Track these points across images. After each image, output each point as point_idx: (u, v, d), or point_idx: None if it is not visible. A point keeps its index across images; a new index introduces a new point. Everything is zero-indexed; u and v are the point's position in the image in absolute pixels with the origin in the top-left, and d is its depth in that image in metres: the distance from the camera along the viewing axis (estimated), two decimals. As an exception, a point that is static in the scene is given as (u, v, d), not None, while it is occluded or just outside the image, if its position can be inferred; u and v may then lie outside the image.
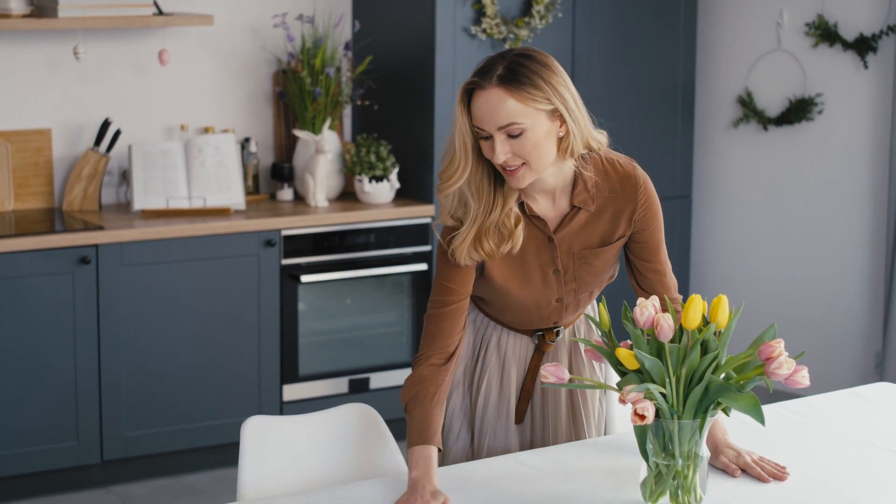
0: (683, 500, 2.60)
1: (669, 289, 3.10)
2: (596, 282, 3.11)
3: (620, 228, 3.05)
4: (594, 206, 3.00)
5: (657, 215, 3.13)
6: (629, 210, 3.06)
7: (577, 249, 3.02)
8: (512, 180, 2.85)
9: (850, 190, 5.72)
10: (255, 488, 2.85)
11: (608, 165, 3.02)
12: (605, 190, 3.01)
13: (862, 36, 5.59)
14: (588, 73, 5.76)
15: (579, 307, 3.14)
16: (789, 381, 2.54)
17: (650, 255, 3.10)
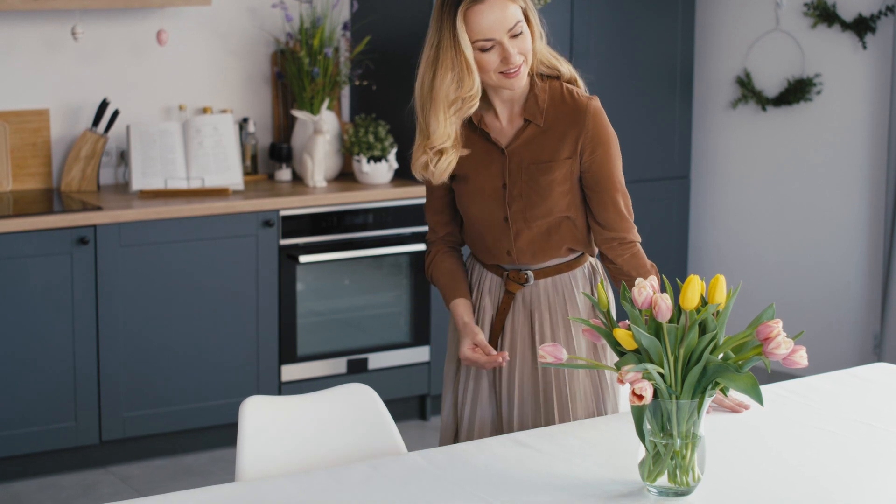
0: (681, 479, 2.60)
1: (621, 227, 3.21)
2: (544, 208, 3.19)
3: (566, 149, 3.17)
4: (542, 120, 3.17)
5: (607, 147, 3.20)
6: (575, 133, 3.17)
7: (526, 164, 3.18)
8: (514, 81, 3.09)
9: (849, 170, 5.72)
10: (253, 468, 2.86)
11: (566, 92, 3.19)
12: (555, 110, 3.17)
13: (860, 16, 5.59)
14: (586, 53, 5.76)
15: (534, 241, 3.23)
16: (787, 361, 2.54)
17: (598, 185, 3.19)
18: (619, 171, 3.22)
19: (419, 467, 2.80)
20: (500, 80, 3.09)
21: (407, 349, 5.54)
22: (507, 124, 3.21)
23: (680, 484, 2.61)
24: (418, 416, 5.68)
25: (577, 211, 3.23)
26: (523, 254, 3.25)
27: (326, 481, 2.72)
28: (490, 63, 3.07)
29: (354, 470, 2.78)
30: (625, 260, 3.24)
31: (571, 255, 3.28)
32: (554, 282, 3.28)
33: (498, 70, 3.07)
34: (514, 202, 3.20)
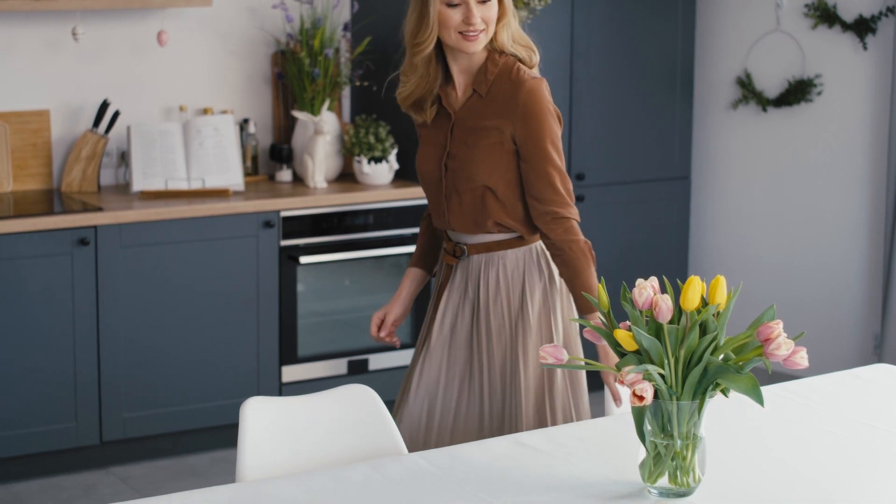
0: (682, 480, 2.60)
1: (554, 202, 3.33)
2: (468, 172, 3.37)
3: (499, 120, 3.35)
4: (486, 90, 3.36)
5: (539, 122, 3.35)
6: (510, 106, 3.34)
7: (465, 130, 3.38)
8: (471, 44, 3.32)
9: (849, 171, 5.72)
10: (254, 469, 2.86)
11: (514, 70, 3.38)
12: (500, 84, 3.36)
13: (861, 17, 5.59)
14: (587, 53, 5.76)
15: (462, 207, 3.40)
16: (788, 362, 2.54)
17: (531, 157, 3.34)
18: (554, 148, 3.36)
19: (420, 468, 2.80)
20: (457, 41, 3.32)
21: (408, 350, 5.54)
22: (461, 94, 3.42)
23: (680, 485, 2.61)
24: (419, 416, 5.67)
25: (501, 183, 3.37)
26: (455, 218, 3.42)
27: (327, 482, 2.72)
28: (452, 19, 3.30)
29: (355, 470, 2.78)
30: (557, 234, 3.34)
31: (504, 234, 3.41)
32: (489, 259, 3.41)
33: (458, 29, 3.30)
34: (449, 163, 3.41)
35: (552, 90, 5.65)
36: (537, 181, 3.34)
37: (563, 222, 3.34)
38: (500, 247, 3.41)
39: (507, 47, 3.39)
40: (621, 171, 5.92)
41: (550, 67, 5.67)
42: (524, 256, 3.42)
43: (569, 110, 5.75)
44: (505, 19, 3.37)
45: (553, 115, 3.37)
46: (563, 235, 3.33)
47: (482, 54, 3.38)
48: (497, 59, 3.38)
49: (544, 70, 5.64)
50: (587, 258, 3.33)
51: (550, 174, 3.34)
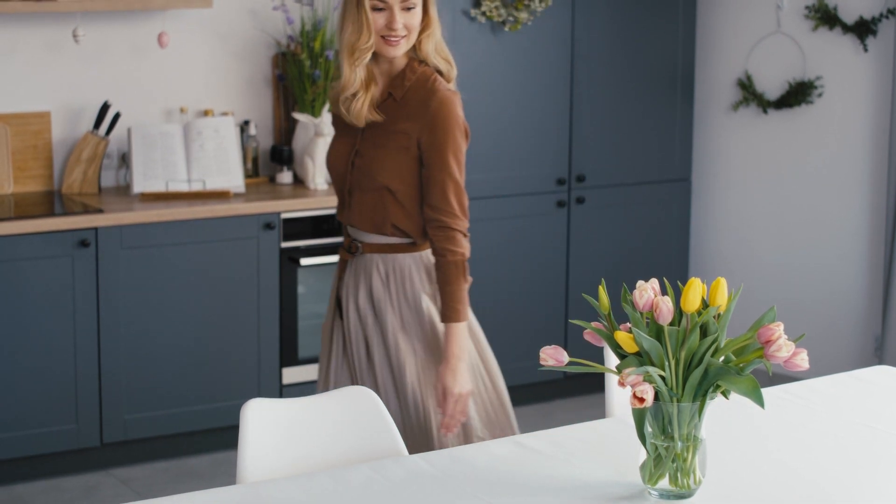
0: (683, 482, 2.60)
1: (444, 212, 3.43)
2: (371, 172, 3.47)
3: (407, 125, 3.44)
4: (401, 95, 3.46)
5: (444, 134, 3.43)
6: (420, 114, 3.43)
7: (377, 130, 3.48)
8: (391, 49, 3.42)
9: (850, 173, 5.72)
10: (254, 471, 2.86)
11: (431, 80, 3.47)
12: (415, 91, 3.46)
13: (862, 19, 5.59)
14: (588, 55, 5.76)
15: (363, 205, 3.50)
16: (789, 363, 2.54)
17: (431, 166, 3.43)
18: (455, 160, 3.44)
19: (420, 470, 2.80)
20: (379, 44, 3.43)
21: (408, 352, 5.54)
22: (377, 96, 3.50)
23: (681, 486, 2.61)
24: (419, 418, 5.67)
25: (402, 186, 3.46)
26: (355, 215, 3.53)
27: (328, 483, 2.72)
28: (376, 23, 3.41)
29: (356, 472, 2.78)
30: (439, 241, 3.45)
31: (399, 238, 3.51)
32: (383, 260, 3.51)
33: (381, 33, 3.41)
34: (357, 161, 3.50)
35: (552, 90, 5.68)
36: (433, 189, 3.44)
37: (447, 232, 3.45)
38: (393, 249, 3.51)
39: (430, 57, 3.49)
40: (622, 173, 5.92)
41: (551, 69, 5.68)
42: (414, 262, 3.52)
43: (569, 112, 5.75)
44: (430, 29, 3.47)
45: (461, 129, 3.46)
46: (444, 244, 3.45)
47: (402, 60, 3.49)
48: (416, 68, 3.48)
49: (544, 71, 5.67)
50: (458, 271, 3.46)
51: (446, 184, 3.43)
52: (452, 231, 3.45)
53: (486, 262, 5.66)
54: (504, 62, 5.59)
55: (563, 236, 5.82)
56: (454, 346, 3.47)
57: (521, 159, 5.68)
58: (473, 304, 5.64)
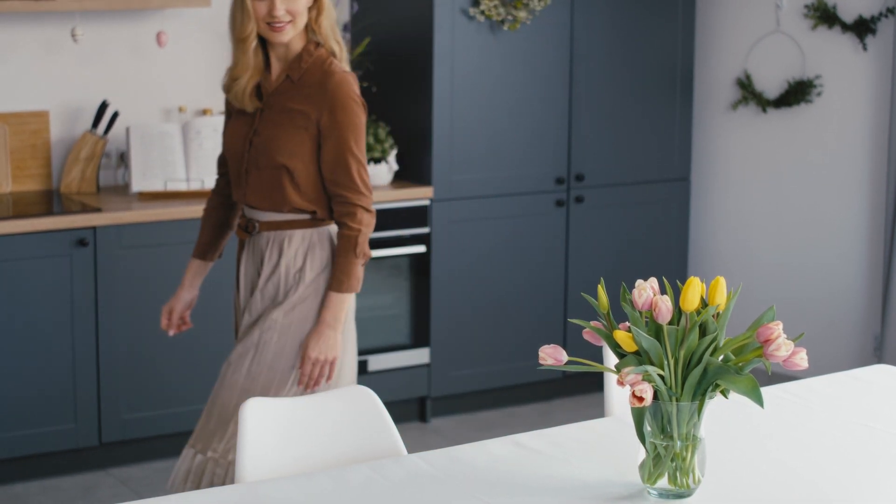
0: (682, 482, 2.60)
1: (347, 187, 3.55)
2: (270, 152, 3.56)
3: (305, 106, 3.55)
4: (298, 77, 3.58)
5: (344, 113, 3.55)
6: (318, 95, 3.55)
7: (274, 111, 3.59)
8: (277, 35, 3.54)
9: (849, 172, 5.72)
10: (253, 470, 2.85)
11: (327, 62, 3.59)
12: (312, 73, 3.57)
13: (861, 18, 5.59)
14: (587, 54, 5.75)
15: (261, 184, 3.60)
16: (788, 363, 2.54)
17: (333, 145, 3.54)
18: (355, 138, 3.56)
19: (419, 469, 2.80)
20: (266, 31, 3.55)
21: (407, 351, 5.54)
22: (274, 78, 3.63)
23: (680, 486, 2.61)
24: (418, 418, 5.67)
25: (299, 165, 3.56)
26: (252, 194, 3.63)
27: (327, 483, 2.72)
28: (259, 11, 3.53)
29: (354, 472, 2.78)
30: (339, 216, 3.58)
31: (294, 215, 3.62)
32: (277, 236, 3.62)
33: (265, 20, 3.53)
34: (255, 140, 3.61)
35: (551, 89, 5.68)
36: (336, 166, 3.56)
37: (348, 207, 3.58)
38: (290, 226, 3.62)
39: (328, 39, 3.61)
40: (621, 173, 5.92)
41: (550, 68, 5.68)
42: (310, 237, 3.63)
43: (568, 111, 5.75)
44: (322, 11, 3.59)
45: (360, 106, 3.58)
46: (343, 218, 3.58)
47: (299, 44, 3.60)
48: (312, 51, 3.60)
49: (543, 70, 5.66)
50: (350, 245, 3.57)
51: (348, 161, 3.55)
52: (354, 206, 3.57)
53: (485, 261, 5.66)
54: (503, 61, 5.59)
55: (562, 236, 5.82)
56: (328, 313, 3.59)
57: (519, 158, 5.68)
58: (473, 302, 5.66)
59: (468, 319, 5.66)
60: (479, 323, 5.70)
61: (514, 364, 5.79)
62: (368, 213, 3.59)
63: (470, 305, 5.66)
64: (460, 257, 5.60)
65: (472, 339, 5.68)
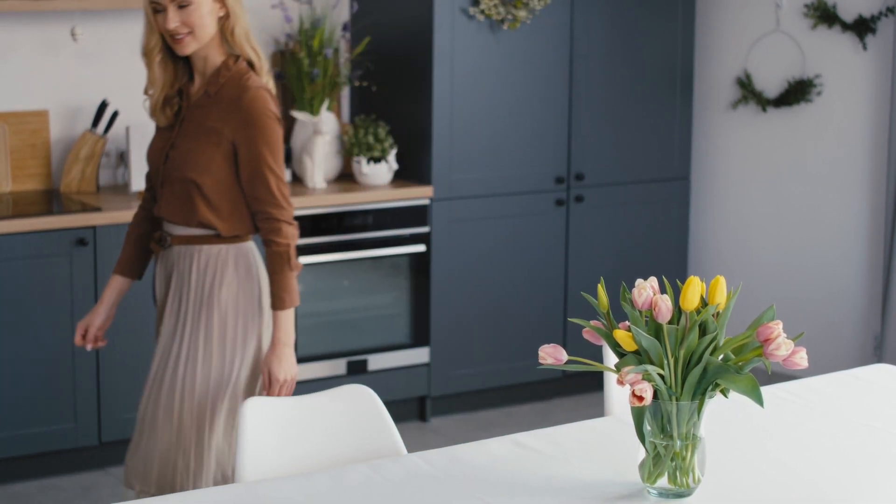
0: (682, 481, 2.60)
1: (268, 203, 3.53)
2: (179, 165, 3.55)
3: (219, 122, 3.53)
4: (216, 92, 3.55)
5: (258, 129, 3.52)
6: (233, 111, 3.52)
7: (192, 125, 3.57)
8: (178, 47, 3.52)
9: (849, 171, 5.72)
10: (252, 470, 2.85)
11: (244, 78, 3.55)
12: (229, 88, 3.54)
13: (861, 17, 5.58)
14: (587, 54, 5.75)
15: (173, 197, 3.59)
16: (788, 362, 2.54)
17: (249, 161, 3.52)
18: (271, 153, 3.53)
19: (419, 469, 2.80)
20: (171, 43, 3.53)
21: (406, 350, 5.54)
22: (195, 91, 3.61)
23: (680, 485, 2.61)
24: (418, 417, 5.67)
25: (210, 181, 3.53)
26: (165, 207, 3.62)
27: (326, 483, 2.72)
28: (160, 24, 3.51)
29: (354, 471, 2.78)
30: (264, 233, 3.56)
31: (205, 230, 3.59)
32: (187, 251, 3.60)
33: (168, 34, 3.51)
34: (171, 153, 3.59)
35: (551, 89, 5.68)
36: (255, 182, 3.53)
37: (272, 223, 3.55)
38: (200, 241, 3.60)
39: (244, 49, 3.58)
40: (621, 172, 5.92)
41: (550, 67, 5.67)
42: (219, 253, 3.60)
43: (568, 110, 5.75)
44: (232, 21, 3.55)
45: (275, 121, 3.55)
46: (270, 235, 3.55)
47: (218, 58, 3.58)
48: (231, 65, 3.57)
49: (543, 70, 5.66)
50: (283, 260, 3.56)
51: (267, 176, 3.52)
52: (278, 222, 3.55)
53: (484, 260, 5.66)
54: (503, 60, 5.59)
55: (562, 235, 5.82)
56: (280, 332, 3.58)
57: (519, 158, 5.68)
58: (473, 301, 5.66)
59: (468, 319, 5.66)
60: (478, 322, 5.70)
61: (513, 363, 5.79)
62: (292, 226, 3.57)
63: (470, 305, 5.66)
64: (460, 257, 5.60)
65: (472, 338, 5.68)
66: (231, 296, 3.59)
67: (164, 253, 3.69)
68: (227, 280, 3.59)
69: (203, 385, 3.59)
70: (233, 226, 3.59)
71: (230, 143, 3.53)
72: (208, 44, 3.56)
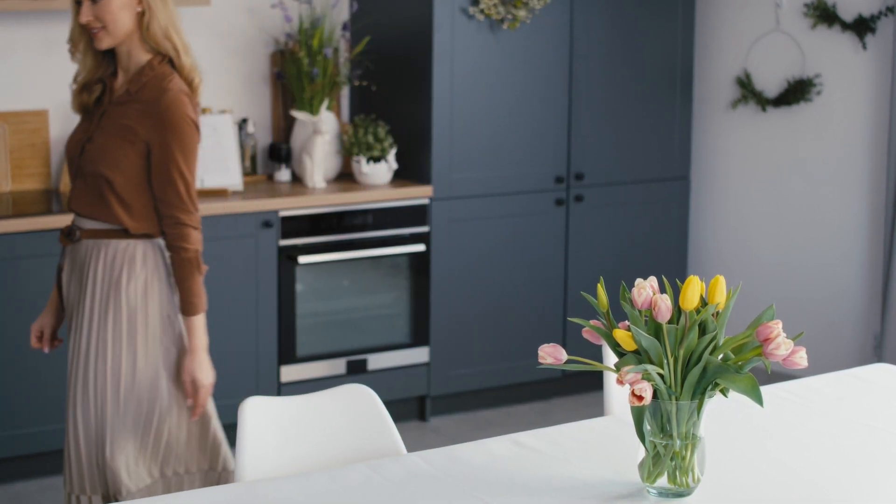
0: (681, 480, 2.60)
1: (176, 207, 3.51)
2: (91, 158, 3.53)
3: (134, 121, 3.50)
4: (136, 90, 3.52)
5: (172, 133, 3.50)
6: (149, 112, 3.49)
7: (109, 120, 3.54)
8: (96, 42, 3.51)
9: (849, 171, 5.72)
10: (252, 469, 2.85)
11: (166, 80, 3.52)
12: (149, 87, 3.52)
13: (860, 17, 5.58)
14: (587, 53, 5.75)
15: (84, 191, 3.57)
16: (787, 361, 2.54)
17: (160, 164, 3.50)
18: (184, 157, 3.51)
19: (419, 468, 2.80)
20: (91, 36, 3.53)
21: (406, 350, 5.54)
22: (118, 87, 3.58)
23: (679, 485, 2.61)
24: (417, 417, 5.67)
25: (120, 178, 3.51)
26: (76, 200, 3.60)
27: (326, 482, 2.72)
28: (76, 18, 3.52)
29: (354, 471, 2.78)
30: (171, 238, 3.54)
31: (113, 225, 3.56)
32: (95, 245, 3.56)
33: (85, 27, 3.51)
34: (87, 146, 3.56)
35: (550, 88, 5.68)
36: (164, 185, 3.51)
37: (179, 228, 3.54)
38: (108, 236, 3.57)
39: (160, 44, 3.54)
40: (620, 171, 5.92)
41: (549, 67, 5.67)
42: (127, 248, 3.57)
43: (568, 110, 5.75)
44: (149, 16, 3.52)
45: (191, 126, 3.52)
46: (175, 241, 3.54)
47: (142, 56, 3.56)
48: (155, 65, 3.55)
49: (543, 69, 5.66)
50: (192, 266, 3.55)
51: (175, 180, 3.51)
52: (184, 227, 3.53)
53: (484, 260, 5.66)
54: (503, 60, 5.59)
55: (562, 234, 5.82)
56: (195, 338, 3.59)
57: (519, 157, 5.68)
58: (473, 301, 5.66)
59: (468, 318, 5.66)
60: (478, 322, 5.70)
61: (513, 363, 5.79)
62: (198, 231, 3.56)
63: (469, 304, 5.66)
64: (460, 256, 5.60)
65: (472, 338, 5.68)
66: (139, 290, 3.56)
67: (72, 247, 3.65)
68: (136, 274, 3.56)
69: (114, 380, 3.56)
70: (143, 224, 3.56)
71: (144, 144, 3.51)
72: (129, 39, 3.55)
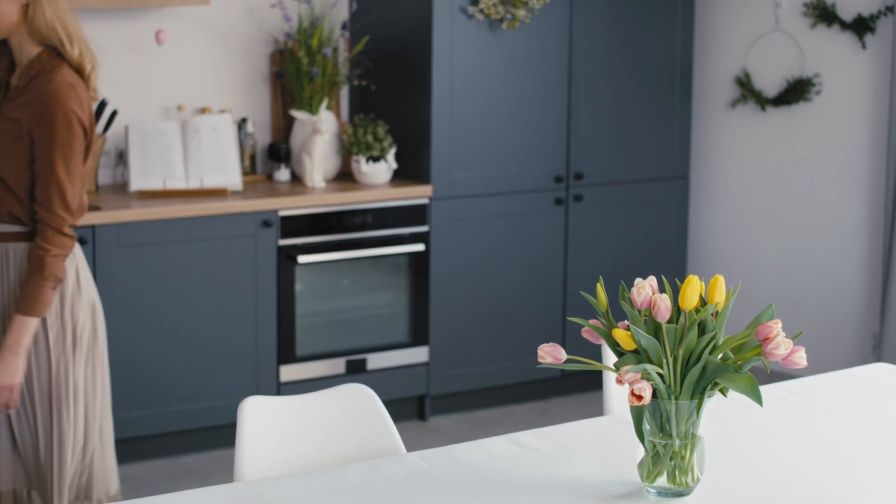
0: (681, 480, 2.60)
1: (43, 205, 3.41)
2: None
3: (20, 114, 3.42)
4: (25, 83, 3.44)
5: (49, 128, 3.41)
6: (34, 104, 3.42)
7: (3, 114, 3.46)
8: None
9: (848, 170, 5.72)
10: (252, 469, 2.85)
11: (52, 72, 3.43)
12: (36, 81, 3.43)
13: (860, 16, 5.58)
14: (586, 53, 5.75)
15: None
16: (787, 361, 2.54)
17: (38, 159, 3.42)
18: (63, 157, 3.42)
19: (418, 468, 2.80)
20: None
21: (406, 349, 5.54)
22: (13, 81, 3.50)
23: (679, 484, 2.61)
24: (417, 416, 5.67)
25: (13, 174, 3.44)
26: None
27: (325, 482, 2.72)
28: None
29: (353, 470, 2.78)
30: (37, 231, 3.44)
31: (17, 226, 3.49)
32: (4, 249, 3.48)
33: None
34: None
35: (550, 88, 5.68)
36: (38, 182, 3.43)
37: (41, 225, 3.44)
38: (12, 238, 3.50)
39: (48, 37, 3.45)
40: (620, 171, 5.92)
41: (549, 66, 5.67)
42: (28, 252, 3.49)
43: (567, 109, 5.74)
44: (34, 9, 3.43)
45: (71, 119, 3.42)
46: (37, 238, 3.44)
47: (32, 49, 3.48)
48: (45, 58, 3.47)
49: (542, 69, 5.66)
50: (38, 267, 3.43)
51: (49, 179, 3.42)
52: (45, 226, 3.43)
53: (484, 260, 5.66)
54: (502, 60, 5.59)
55: (561, 234, 5.82)
56: (10, 337, 3.45)
57: (518, 157, 5.68)
58: (473, 301, 5.65)
59: (467, 318, 5.66)
60: (478, 321, 5.70)
61: (513, 362, 5.79)
62: (62, 236, 3.44)
63: (469, 304, 5.66)
64: (459, 256, 5.60)
65: (472, 337, 5.68)
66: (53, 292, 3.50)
67: None
68: None
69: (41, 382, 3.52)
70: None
71: (29, 137, 3.44)
72: (18, 32, 3.48)
